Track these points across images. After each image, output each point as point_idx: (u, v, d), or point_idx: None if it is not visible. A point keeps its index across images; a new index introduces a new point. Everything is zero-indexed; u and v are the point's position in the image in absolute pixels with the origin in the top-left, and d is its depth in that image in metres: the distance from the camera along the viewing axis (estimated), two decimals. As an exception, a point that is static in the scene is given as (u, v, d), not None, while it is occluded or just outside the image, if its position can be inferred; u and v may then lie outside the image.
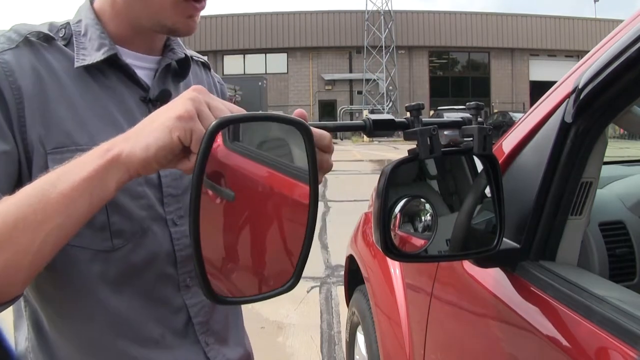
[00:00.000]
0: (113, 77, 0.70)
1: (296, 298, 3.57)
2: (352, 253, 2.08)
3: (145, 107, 0.72)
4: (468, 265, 0.99)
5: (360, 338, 1.96)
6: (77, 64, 0.68)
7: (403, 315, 1.41)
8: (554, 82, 0.92)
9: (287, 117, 0.50)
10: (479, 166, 0.75)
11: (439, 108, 21.63)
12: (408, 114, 0.66)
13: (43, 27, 0.69)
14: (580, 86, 0.76)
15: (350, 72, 27.45)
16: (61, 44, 0.69)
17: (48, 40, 0.68)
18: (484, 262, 0.87)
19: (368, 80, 26.46)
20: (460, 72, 29.43)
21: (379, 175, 0.69)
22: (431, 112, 20.89)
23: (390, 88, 26.31)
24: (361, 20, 26.96)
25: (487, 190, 0.76)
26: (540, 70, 27.66)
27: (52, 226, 0.50)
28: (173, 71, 0.78)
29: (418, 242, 0.75)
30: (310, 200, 0.51)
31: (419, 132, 0.63)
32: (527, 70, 28.27)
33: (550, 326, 0.74)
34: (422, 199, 0.73)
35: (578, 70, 0.84)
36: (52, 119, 0.64)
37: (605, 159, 0.86)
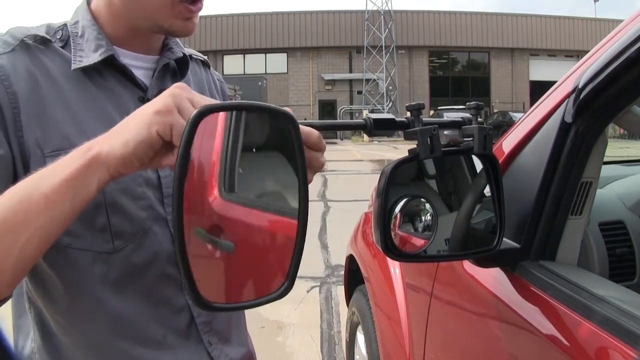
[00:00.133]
0: (111, 78, 0.70)
1: (296, 298, 3.57)
2: (352, 253, 2.08)
3: None
4: (468, 265, 0.99)
5: (360, 338, 1.96)
6: (74, 66, 0.68)
7: (403, 315, 1.41)
8: (554, 82, 0.92)
9: (272, 107, 0.50)
10: (479, 166, 0.75)
11: (439, 108, 21.65)
12: (408, 114, 0.66)
13: (40, 30, 0.69)
14: (580, 86, 0.76)
15: (350, 72, 27.45)
16: (58, 46, 0.69)
17: (45, 42, 0.68)
18: (484, 262, 0.87)
19: (368, 80, 26.46)
20: (460, 72, 29.43)
21: (379, 175, 0.69)
22: (431, 112, 20.90)
23: (390, 88, 26.31)
24: (361, 20, 26.96)
25: (487, 190, 0.76)
26: (540, 70, 27.66)
27: (35, 228, 0.50)
28: (172, 70, 0.78)
29: (418, 242, 0.75)
30: (299, 197, 0.50)
31: (419, 132, 0.63)
32: (527, 70, 28.27)
33: (550, 326, 0.74)
34: (422, 199, 0.73)
35: (578, 70, 0.84)
36: (49, 122, 0.64)
37: (605, 159, 0.86)
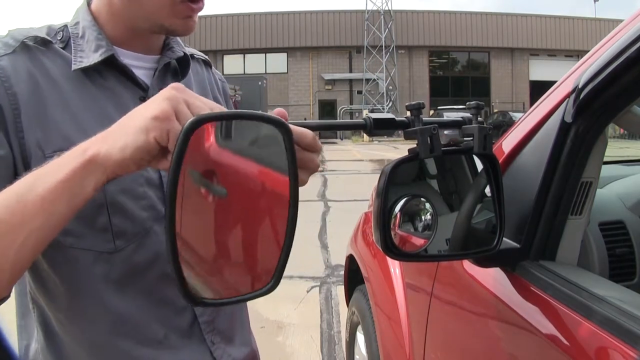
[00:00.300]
0: (111, 78, 0.70)
1: (296, 298, 3.57)
2: (352, 253, 2.08)
3: None
4: (468, 265, 0.99)
5: (360, 338, 1.96)
6: (75, 67, 0.68)
7: (403, 314, 1.41)
8: (554, 82, 0.92)
9: (265, 116, 0.50)
10: (479, 166, 0.75)
11: (439, 107, 21.66)
12: (408, 113, 0.66)
13: (41, 31, 0.70)
14: (580, 86, 0.76)
15: (350, 72, 27.44)
16: (59, 47, 0.69)
17: (45, 43, 0.68)
18: (484, 262, 0.87)
19: (368, 80, 26.45)
20: (460, 72, 29.42)
21: (379, 174, 0.69)
22: (431, 112, 20.90)
23: (390, 88, 26.30)
24: (361, 20, 26.95)
25: (487, 189, 0.76)
26: (540, 70, 27.66)
27: (31, 228, 0.49)
28: (173, 70, 0.78)
29: (418, 242, 0.75)
30: (290, 201, 0.50)
31: (419, 132, 0.63)
32: (527, 70, 28.27)
33: (550, 326, 0.74)
34: (422, 199, 0.73)
35: (578, 70, 0.84)
36: (50, 123, 0.65)
37: (605, 159, 0.86)
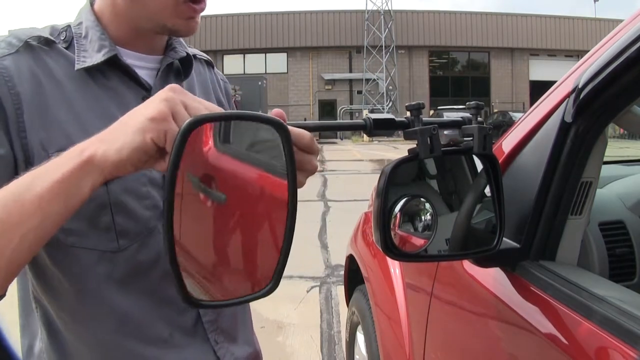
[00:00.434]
0: (114, 78, 0.71)
1: (296, 298, 3.57)
2: (352, 253, 2.08)
3: None
4: (468, 265, 0.99)
5: (360, 338, 1.96)
6: (78, 66, 0.68)
7: (403, 314, 1.41)
8: (554, 82, 0.92)
9: (263, 116, 0.50)
10: (479, 166, 0.75)
11: (439, 107, 21.65)
12: (408, 114, 0.66)
13: (44, 31, 0.70)
14: (580, 86, 0.76)
15: (350, 72, 27.43)
16: (62, 47, 0.70)
17: (49, 43, 0.69)
18: (484, 262, 0.87)
19: (368, 80, 26.45)
20: (460, 72, 29.42)
21: (379, 174, 0.69)
22: (431, 112, 20.90)
23: (390, 88, 26.30)
24: (361, 20, 26.95)
25: (487, 189, 0.76)
26: (540, 70, 27.65)
27: (28, 228, 0.49)
28: (175, 70, 0.78)
29: (418, 242, 0.75)
30: (288, 203, 0.50)
31: (419, 132, 0.63)
32: (527, 70, 28.27)
33: (550, 326, 0.74)
34: (422, 199, 0.73)
35: (578, 70, 0.84)
36: (53, 123, 0.65)
37: (605, 159, 0.86)
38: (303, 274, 3.99)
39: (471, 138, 0.68)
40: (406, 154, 0.67)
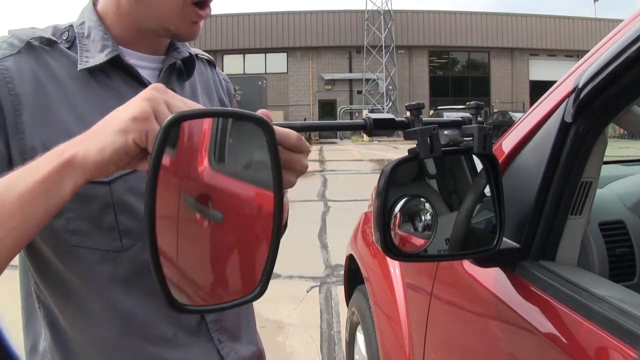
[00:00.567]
0: (116, 78, 0.71)
1: (296, 298, 3.57)
2: (352, 253, 2.08)
3: None
4: (468, 264, 0.99)
5: (360, 337, 1.96)
6: (81, 67, 0.69)
7: (403, 314, 1.41)
8: (554, 82, 0.92)
9: (246, 113, 0.50)
10: (479, 166, 0.75)
11: (439, 107, 21.66)
12: (408, 114, 0.66)
13: (46, 32, 0.70)
14: (580, 86, 0.76)
15: (350, 72, 27.44)
16: (64, 47, 0.70)
17: (51, 44, 0.69)
18: (484, 262, 0.87)
19: (368, 80, 26.45)
20: (460, 72, 29.42)
21: (379, 174, 0.69)
22: (431, 112, 20.90)
23: (390, 88, 26.30)
24: (361, 20, 26.95)
25: (487, 189, 0.76)
26: (540, 70, 27.65)
27: (9, 228, 0.49)
28: (178, 70, 0.78)
29: (418, 242, 0.75)
30: (274, 202, 0.49)
31: (419, 132, 0.63)
32: (527, 70, 28.27)
33: (550, 326, 0.74)
34: (422, 199, 0.73)
35: (578, 69, 0.84)
36: (55, 124, 0.65)
37: (605, 159, 0.86)
38: (303, 274, 3.99)
39: (471, 138, 0.68)
40: (406, 154, 0.67)
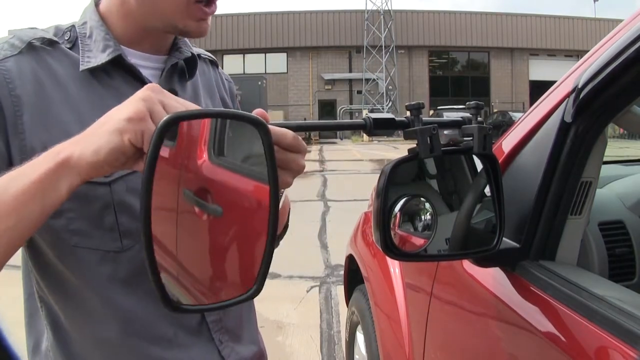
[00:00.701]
0: (118, 78, 0.71)
1: (296, 297, 3.57)
2: (352, 252, 2.08)
3: None
4: (468, 264, 0.99)
5: (359, 337, 1.96)
6: (82, 67, 0.69)
7: (403, 314, 1.41)
8: (554, 82, 0.92)
9: (241, 114, 0.50)
10: (479, 165, 0.75)
11: (439, 107, 21.65)
12: (408, 113, 0.66)
13: (48, 32, 0.70)
14: (579, 86, 0.76)
15: (349, 72, 27.43)
16: (66, 47, 0.70)
17: (52, 44, 0.69)
18: (484, 262, 0.87)
19: (368, 79, 26.44)
20: (460, 72, 29.41)
21: (379, 174, 0.69)
22: (431, 112, 20.90)
23: (389, 88, 26.30)
24: (361, 20, 26.94)
25: (487, 189, 0.76)
26: (540, 69, 27.65)
27: (4, 228, 0.50)
28: (180, 70, 0.78)
29: (418, 242, 0.75)
30: (270, 202, 0.49)
31: (419, 131, 0.63)
32: (527, 70, 28.26)
33: (550, 326, 0.74)
34: (422, 198, 0.73)
35: (578, 69, 0.84)
36: (57, 124, 0.65)
37: (605, 159, 0.86)
38: (303, 274, 3.99)
39: (471, 138, 0.68)
40: (406, 154, 0.67)
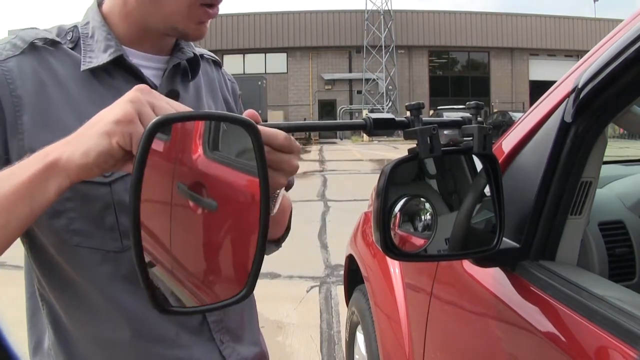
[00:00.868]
0: (119, 78, 0.71)
1: (296, 298, 3.57)
2: (352, 252, 2.08)
3: None
4: (468, 264, 0.99)
5: (359, 337, 1.96)
6: (84, 67, 0.69)
7: (403, 314, 1.41)
8: (554, 82, 0.92)
9: (230, 116, 0.49)
10: (479, 166, 0.75)
11: (439, 107, 21.65)
12: (408, 113, 0.66)
13: (51, 32, 0.70)
14: (579, 86, 0.76)
15: (349, 72, 27.43)
16: (68, 47, 0.70)
17: (54, 44, 0.69)
18: (484, 262, 0.87)
19: (368, 79, 26.45)
20: (460, 72, 29.42)
21: (379, 174, 0.69)
22: (431, 112, 20.89)
23: (389, 88, 26.30)
24: (361, 19, 26.94)
25: (487, 189, 0.76)
26: (540, 69, 27.65)
27: None
28: (182, 71, 0.78)
29: (418, 242, 0.75)
30: (260, 202, 0.49)
31: (419, 131, 0.63)
32: (527, 69, 28.27)
33: (549, 326, 0.74)
34: (422, 198, 0.73)
35: (578, 69, 0.84)
36: (58, 125, 0.65)
37: (605, 159, 0.86)
38: (303, 274, 3.99)
39: (471, 138, 0.68)
40: (406, 154, 0.67)
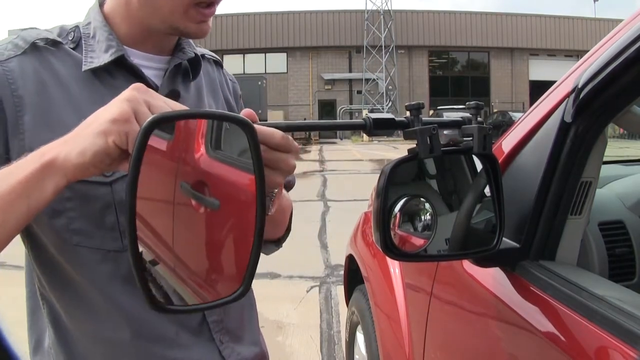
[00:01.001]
0: (120, 78, 0.71)
1: (296, 297, 3.57)
2: (352, 252, 2.08)
3: None
4: (468, 264, 0.99)
5: (359, 337, 1.96)
6: (85, 67, 0.69)
7: (403, 314, 1.41)
8: (554, 82, 0.92)
9: (226, 115, 0.49)
10: (479, 166, 0.75)
11: (439, 107, 21.65)
12: (408, 113, 0.66)
13: (52, 32, 0.70)
14: (579, 86, 0.76)
15: (349, 72, 27.43)
16: (69, 47, 0.70)
17: (56, 44, 0.69)
18: (484, 262, 0.87)
19: (368, 79, 26.45)
20: (459, 72, 29.42)
21: (379, 174, 0.69)
22: (431, 112, 20.90)
23: (389, 88, 26.30)
24: (361, 19, 26.94)
25: (487, 189, 0.76)
26: (540, 69, 27.64)
27: None
28: (183, 71, 0.78)
29: (418, 242, 0.75)
30: (257, 201, 0.49)
31: (419, 131, 0.63)
32: (527, 69, 28.27)
33: (549, 326, 0.74)
34: (422, 198, 0.73)
35: (578, 69, 0.84)
36: (59, 125, 0.65)
37: (605, 159, 0.86)
38: (303, 274, 3.99)
39: (471, 138, 0.68)
40: (406, 154, 0.67)
